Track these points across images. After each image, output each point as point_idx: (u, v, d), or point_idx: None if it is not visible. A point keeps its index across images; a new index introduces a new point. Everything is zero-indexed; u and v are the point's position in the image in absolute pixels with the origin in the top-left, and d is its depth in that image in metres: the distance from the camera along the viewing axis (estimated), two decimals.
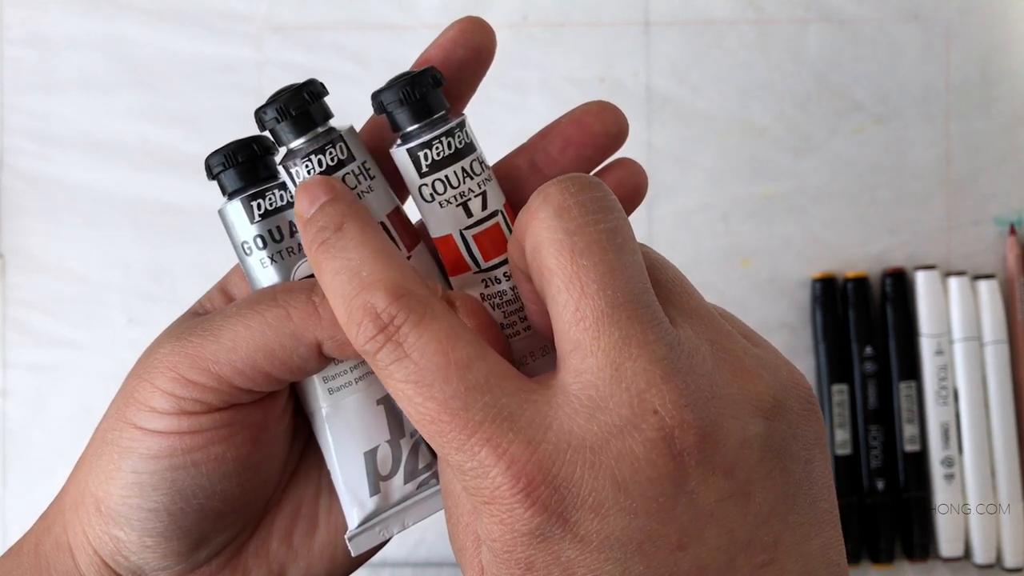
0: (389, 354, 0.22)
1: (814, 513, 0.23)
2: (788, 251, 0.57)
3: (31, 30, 0.57)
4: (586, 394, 0.21)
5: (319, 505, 0.29)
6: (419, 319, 0.23)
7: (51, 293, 0.57)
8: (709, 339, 0.23)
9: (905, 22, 0.57)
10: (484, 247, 0.27)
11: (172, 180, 0.57)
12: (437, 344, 0.22)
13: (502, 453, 0.21)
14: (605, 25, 0.57)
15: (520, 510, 0.21)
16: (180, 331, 0.27)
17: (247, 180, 0.27)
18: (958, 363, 0.55)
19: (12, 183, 0.57)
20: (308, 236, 0.25)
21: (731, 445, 0.21)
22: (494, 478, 0.21)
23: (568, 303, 0.22)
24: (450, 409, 0.22)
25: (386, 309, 0.23)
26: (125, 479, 0.26)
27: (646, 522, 0.21)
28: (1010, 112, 0.57)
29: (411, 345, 0.22)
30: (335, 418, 0.28)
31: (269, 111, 0.26)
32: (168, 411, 0.26)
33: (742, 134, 0.57)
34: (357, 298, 0.23)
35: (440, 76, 0.27)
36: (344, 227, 0.25)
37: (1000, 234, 0.57)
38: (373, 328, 0.23)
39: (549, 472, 0.21)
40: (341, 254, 0.24)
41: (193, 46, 0.57)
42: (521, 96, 0.56)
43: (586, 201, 0.22)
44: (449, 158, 0.26)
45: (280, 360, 0.26)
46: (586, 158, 0.28)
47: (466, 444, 0.21)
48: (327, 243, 0.24)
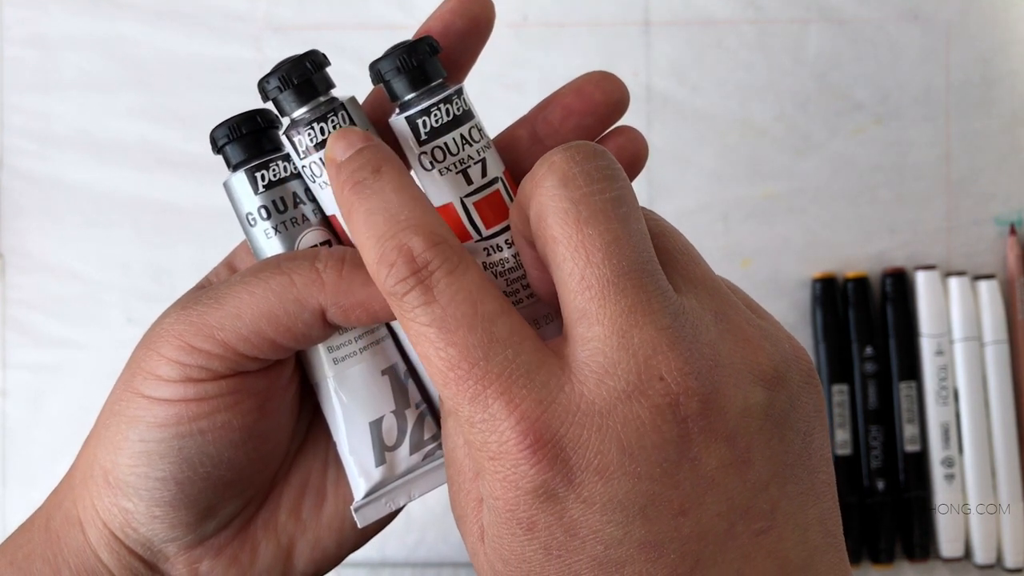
0: (418, 296, 0.22)
1: (812, 483, 0.23)
2: (788, 251, 0.57)
3: (31, 30, 0.57)
4: (595, 360, 0.22)
5: (327, 478, 0.30)
6: (453, 267, 0.23)
7: (51, 293, 0.57)
8: (713, 308, 0.23)
9: (905, 22, 0.57)
10: (485, 215, 0.27)
11: (172, 180, 0.57)
12: (466, 294, 0.22)
13: (514, 408, 0.21)
14: (605, 25, 0.57)
15: (525, 467, 0.21)
16: (185, 302, 0.27)
17: (251, 152, 0.28)
18: (958, 363, 0.55)
19: (12, 183, 0.57)
20: (342, 177, 0.25)
21: (733, 413, 0.22)
22: (503, 432, 0.21)
23: (574, 271, 0.22)
24: (471, 357, 0.22)
25: (422, 253, 0.23)
26: (133, 448, 0.26)
27: (649, 486, 0.21)
28: (1010, 112, 0.57)
29: (441, 291, 0.22)
30: (340, 388, 0.28)
31: (272, 80, 0.27)
32: (174, 379, 0.26)
33: (742, 134, 0.57)
34: (394, 238, 0.23)
35: (437, 44, 0.27)
36: (383, 170, 0.24)
37: (1000, 234, 0.57)
38: (406, 269, 0.22)
39: (557, 432, 0.21)
40: (378, 195, 0.24)
41: (193, 46, 0.57)
42: (521, 96, 0.56)
43: (591, 170, 0.23)
44: (448, 125, 0.26)
45: (284, 326, 0.26)
46: (587, 127, 0.28)
47: (480, 395, 0.22)
48: (362, 183, 0.24)
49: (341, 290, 0.26)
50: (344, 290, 0.26)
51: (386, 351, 0.29)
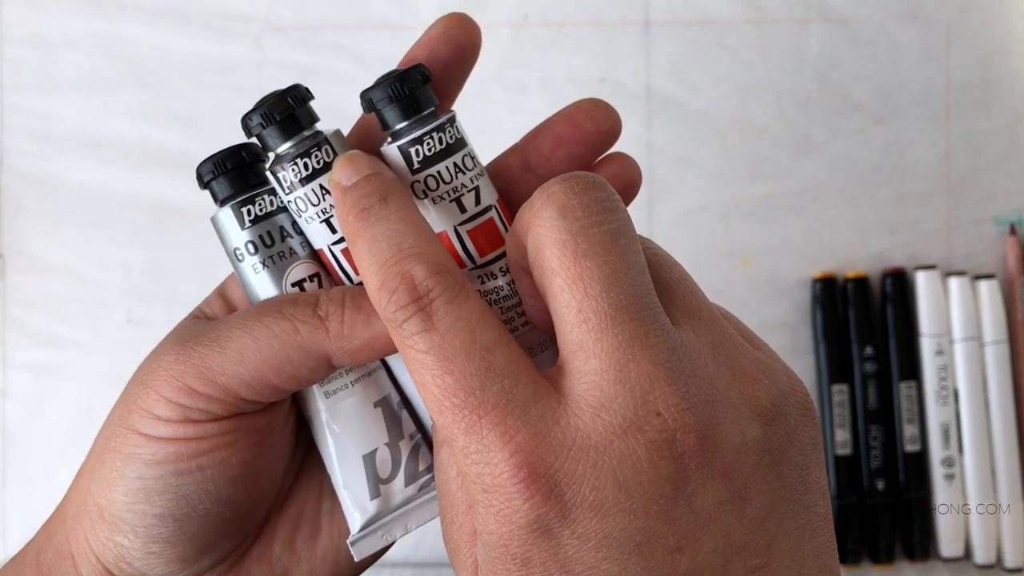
0: (417, 324, 0.22)
1: (808, 518, 0.23)
2: (788, 251, 0.57)
3: (31, 30, 0.57)
4: (591, 394, 0.21)
5: (321, 509, 0.29)
6: (453, 296, 0.23)
7: (51, 293, 0.57)
8: (711, 341, 0.23)
9: (905, 22, 0.57)
10: (479, 243, 0.27)
11: (172, 180, 0.57)
12: (465, 322, 0.22)
13: (508, 439, 0.21)
14: (605, 25, 0.57)
15: (519, 501, 0.21)
16: (184, 339, 0.27)
17: (237, 187, 0.28)
18: (958, 363, 0.55)
19: (12, 183, 0.57)
20: (347, 203, 0.25)
21: (730, 449, 0.22)
22: (497, 464, 0.21)
23: (571, 304, 0.22)
24: (467, 387, 0.22)
25: (424, 281, 0.23)
26: (129, 485, 0.26)
27: (645, 523, 0.21)
28: (1010, 112, 0.57)
29: (440, 319, 0.22)
30: (333, 422, 0.28)
31: (254, 117, 0.26)
32: (172, 419, 0.26)
33: (742, 134, 0.57)
34: (396, 265, 0.23)
35: (428, 72, 0.27)
36: (389, 199, 0.25)
37: (1000, 234, 0.57)
38: (407, 296, 0.23)
39: (552, 466, 0.21)
40: (383, 223, 0.24)
41: (193, 46, 0.57)
42: (521, 96, 0.56)
43: (590, 201, 0.22)
44: (440, 153, 0.26)
45: (288, 373, 0.26)
46: (578, 156, 0.28)
47: (475, 425, 0.21)
48: (369, 211, 0.24)
49: (345, 335, 0.26)
50: (348, 334, 0.26)
51: (378, 382, 0.28)
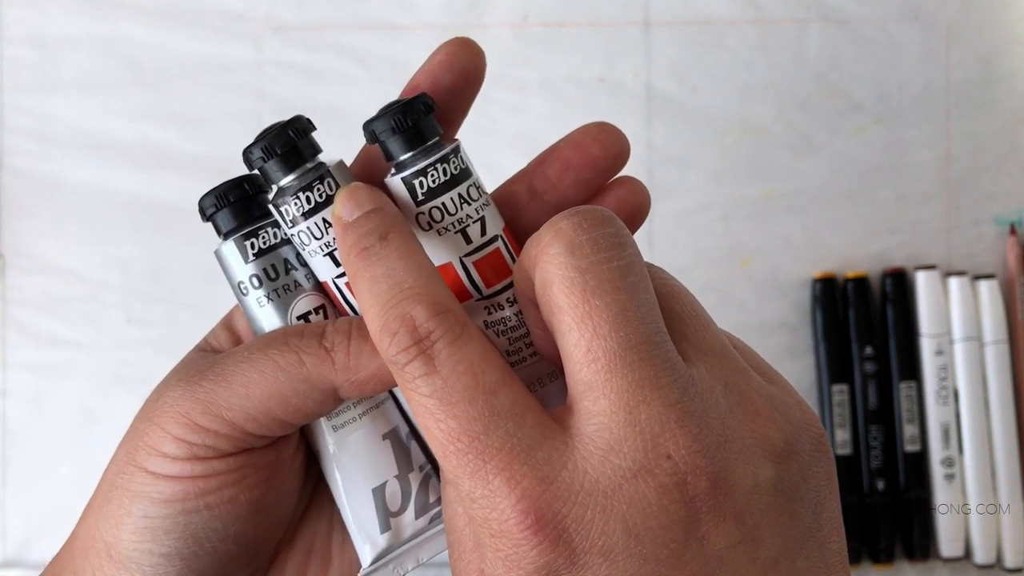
0: (419, 367, 0.22)
1: (822, 556, 0.22)
2: (788, 251, 0.57)
3: (31, 30, 0.57)
4: (600, 436, 0.21)
5: (332, 542, 0.29)
6: (455, 338, 0.22)
7: (51, 293, 0.57)
8: (723, 378, 0.22)
9: (905, 22, 0.57)
10: (485, 274, 0.26)
11: (172, 180, 0.57)
12: (468, 365, 0.22)
13: (515, 485, 0.21)
14: (605, 25, 0.57)
15: (527, 547, 0.21)
16: (190, 374, 0.26)
17: (240, 220, 0.27)
18: (958, 363, 0.55)
19: (12, 183, 0.57)
20: (349, 240, 0.25)
21: (742, 490, 0.21)
22: (503, 510, 0.21)
23: (580, 343, 0.22)
24: (471, 431, 0.21)
25: (425, 323, 0.22)
26: (136, 524, 0.26)
27: (656, 568, 0.21)
28: (1010, 112, 0.57)
29: (442, 362, 0.22)
30: (341, 455, 0.27)
31: (255, 151, 0.26)
32: (179, 456, 0.25)
33: (742, 134, 0.57)
34: (397, 307, 0.23)
35: (432, 102, 0.26)
36: (389, 237, 0.24)
37: (1000, 234, 0.56)
38: (408, 339, 0.22)
39: (559, 512, 0.21)
40: (384, 262, 0.24)
41: (193, 46, 0.57)
42: (521, 96, 0.56)
43: (599, 237, 0.22)
44: (445, 185, 0.26)
45: (294, 406, 0.26)
46: (585, 181, 0.28)
47: (481, 470, 0.21)
48: (369, 250, 0.24)
49: (351, 367, 0.25)
50: (354, 366, 0.25)
51: (387, 414, 0.28)
